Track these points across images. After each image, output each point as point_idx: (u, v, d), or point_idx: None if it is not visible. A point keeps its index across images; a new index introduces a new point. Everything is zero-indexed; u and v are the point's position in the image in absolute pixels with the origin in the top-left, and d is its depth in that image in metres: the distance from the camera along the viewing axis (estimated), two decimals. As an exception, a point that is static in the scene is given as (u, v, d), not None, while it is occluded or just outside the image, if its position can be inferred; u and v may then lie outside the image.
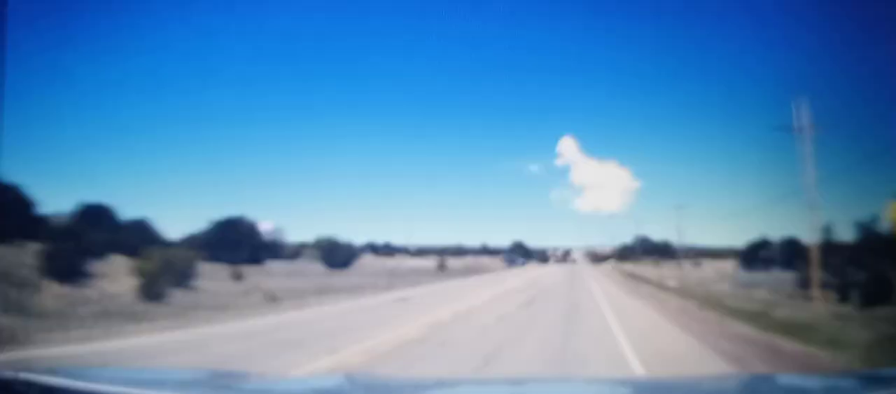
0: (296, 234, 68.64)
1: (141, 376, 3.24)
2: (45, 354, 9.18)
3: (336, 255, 39.09)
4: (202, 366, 8.01)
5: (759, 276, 31.67)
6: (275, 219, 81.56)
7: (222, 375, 3.47)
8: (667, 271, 44.51)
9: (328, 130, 74.25)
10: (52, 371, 2.34)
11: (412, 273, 39.17)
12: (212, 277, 25.46)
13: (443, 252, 79.25)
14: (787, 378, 4.03)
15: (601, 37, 65.91)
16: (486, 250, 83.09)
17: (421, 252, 70.22)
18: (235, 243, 32.73)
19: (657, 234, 71.95)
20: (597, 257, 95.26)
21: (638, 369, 8.79)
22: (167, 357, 9.83)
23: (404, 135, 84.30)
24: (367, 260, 56.22)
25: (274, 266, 36.77)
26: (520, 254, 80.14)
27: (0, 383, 2.07)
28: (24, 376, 2.11)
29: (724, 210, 70.78)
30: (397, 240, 77.30)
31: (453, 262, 65.78)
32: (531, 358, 10.14)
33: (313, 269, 37.93)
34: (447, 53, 68.68)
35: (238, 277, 27.07)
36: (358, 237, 72.46)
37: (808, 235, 20.92)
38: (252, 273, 29.75)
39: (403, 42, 68.97)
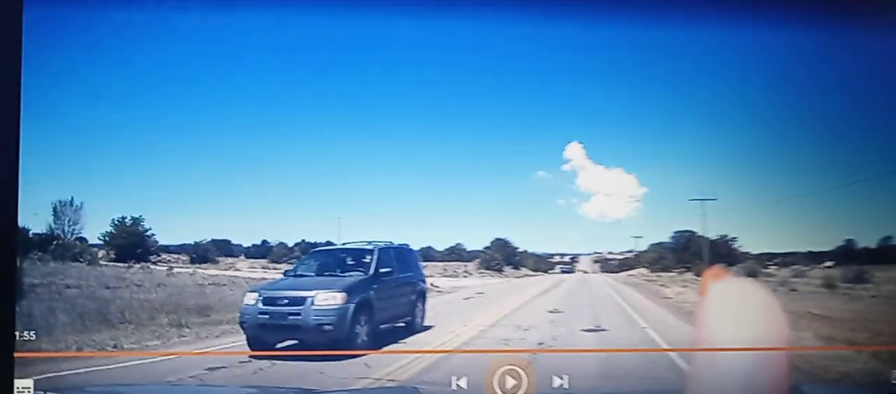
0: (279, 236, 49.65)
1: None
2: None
3: None
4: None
5: None
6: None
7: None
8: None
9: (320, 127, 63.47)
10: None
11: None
12: None
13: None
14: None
15: (609, 40, 57.68)
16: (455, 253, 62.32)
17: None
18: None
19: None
20: (609, 266, 76.39)
21: None
22: None
23: (408, 138, 75.28)
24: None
25: None
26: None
27: None
28: None
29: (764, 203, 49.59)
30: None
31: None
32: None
33: None
34: (446, 51, 58.47)
35: None
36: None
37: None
38: None
39: (400, 40, 61.60)
